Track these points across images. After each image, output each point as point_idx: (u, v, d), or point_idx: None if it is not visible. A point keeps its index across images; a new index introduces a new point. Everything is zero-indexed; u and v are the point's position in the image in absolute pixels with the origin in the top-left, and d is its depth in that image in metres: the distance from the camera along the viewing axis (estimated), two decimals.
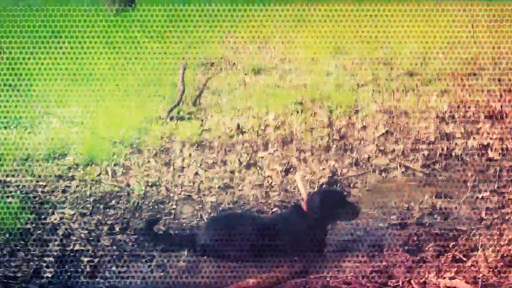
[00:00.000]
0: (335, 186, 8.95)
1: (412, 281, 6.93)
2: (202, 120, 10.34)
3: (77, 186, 8.70)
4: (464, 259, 7.28)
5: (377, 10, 12.70)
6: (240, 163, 9.22)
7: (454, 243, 7.62)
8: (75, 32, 13.03)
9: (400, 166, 9.32)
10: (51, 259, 7.34)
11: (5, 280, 6.96)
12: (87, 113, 10.27)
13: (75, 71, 11.51)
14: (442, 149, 9.70)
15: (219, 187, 8.81)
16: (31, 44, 12.66)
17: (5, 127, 9.75)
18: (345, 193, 8.28)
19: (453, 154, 9.63)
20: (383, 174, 9.23)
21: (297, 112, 10.56)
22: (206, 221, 8.06)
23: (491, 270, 7.07)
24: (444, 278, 6.98)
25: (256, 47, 13.41)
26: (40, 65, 11.61)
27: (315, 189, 8.72)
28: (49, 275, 7.09)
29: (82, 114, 10.24)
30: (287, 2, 13.84)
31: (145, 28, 13.51)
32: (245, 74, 12.15)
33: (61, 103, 10.50)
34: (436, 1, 13.58)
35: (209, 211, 8.36)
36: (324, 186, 8.86)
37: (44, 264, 7.27)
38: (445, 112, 10.65)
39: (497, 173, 9.14)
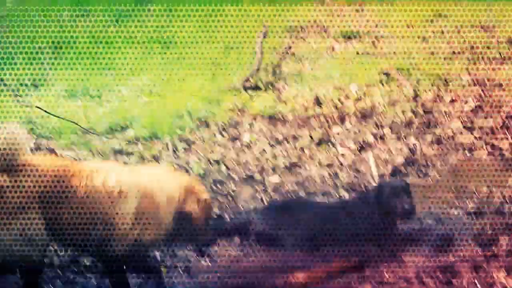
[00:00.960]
0: (412, 166, 8.11)
1: (476, 281, 6.05)
2: (279, 91, 9.56)
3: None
4: None
5: None
6: (312, 139, 8.41)
7: None
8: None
9: (486, 144, 8.35)
10: None
11: None
12: (158, 82, 9.64)
13: (154, 38, 10.93)
14: None
15: (285, 166, 8.05)
16: (112, 12, 12.16)
17: (70, 96, 9.20)
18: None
19: None
20: (467, 154, 8.29)
21: (382, 83, 9.67)
22: (265, 206, 7.39)
23: None
24: None
25: (352, 10, 12.54)
26: (120, 32, 11.11)
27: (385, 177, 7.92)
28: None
29: (152, 84, 9.61)
30: None
31: None
32: (335, 39, 11.30)
33: (134, 71, 9.90)
34: None
35: (271, 193, 7.65)
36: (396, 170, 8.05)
37: None
38: None
39: None
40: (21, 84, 9.45)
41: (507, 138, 8.52)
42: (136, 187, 5.82)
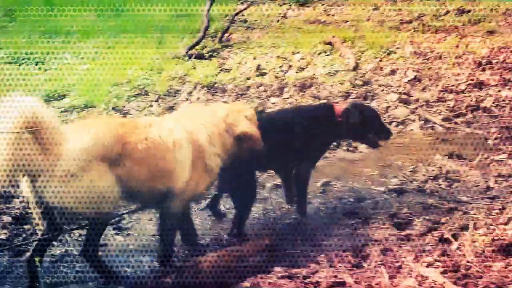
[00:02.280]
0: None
1: (382, 266, 5.83)
2: (223, 59, 9.34)
3: None
4: (452, 239, 6.08)
5: None
6: None
7: (447, 218, 6.46)
8: None
9: (419, 118, 8.13)
10: None
11: None
12: (102, 49, 9.41)
13: (106, 4, 10.71)
14: (471, 100, 8.39)
15: None
16: None
17: (12, 62, 8.99)
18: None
19: (482, 105, 8.35)
20: (400, 127, 8.08)
21: (325, 52, 9.43)
22: None
23: (477, 256, 5.89)
24: (423, 263, 5.86)
25: None
26: None
27: None
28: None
29: (97, 50, 9.37)
30: None
31: None
32: (289, 5, 11.06)
33: (81, 38, 9.68)
34: None
35: None
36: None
37: None
38: (484, 57, 9.33)
39: None
40: None
41: (439, 113, 8.30)
42: (186, 134, 5.66)
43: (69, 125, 5.61)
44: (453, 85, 8.57)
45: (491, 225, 6.19)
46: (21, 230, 6.17)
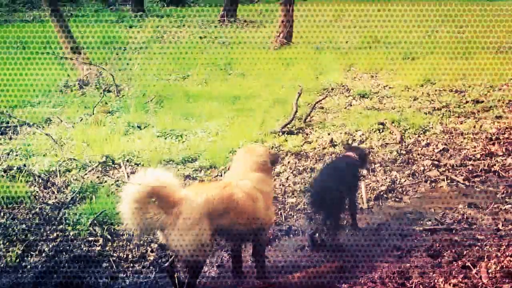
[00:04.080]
0: (392, 193, 7.74)
1: (420, 285, 5.68)
2: (306, 134, 9.30)
3: None
4: (471, 267, 5.94)
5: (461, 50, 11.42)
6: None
7: (468, 251, 6.27)
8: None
9: (447, 178, 7.93)
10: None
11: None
12: (223, 126, 9.49)
13: (222, 93, 10.85)
14: (484, 165, 8.20)
15: (300, 190, 7.77)
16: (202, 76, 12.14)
17: (161, 136, 9.13)
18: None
19: (492, 169, 8.12)
20: (432, 184, 7.89)
21: (379, 130, 9.32)
22: None
23: (490, 279, 5.70)
24: (450, 284, 5.68)
25: (368, 77, 12.24)
26: (204, 91, 11.08)
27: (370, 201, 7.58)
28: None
29: (219, 127, 9.46)
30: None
31: (283, 61, 12.68)
32: (353, 97, 10.99)
33: (208, 119, 9.79)
34: None
35: (288, 210, 7.38)
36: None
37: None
38: (493, 134, 9.08)
39: None
40: (129, 126, 9.53)
41: (462, 174, 8.08)
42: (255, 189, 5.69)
43: (187, 189, 5.52)
44: (471, 155, 8.38)
45: (501, 257, 6.14)
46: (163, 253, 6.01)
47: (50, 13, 11.55)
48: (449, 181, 7.88)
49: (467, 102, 10.41)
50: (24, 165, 7.92)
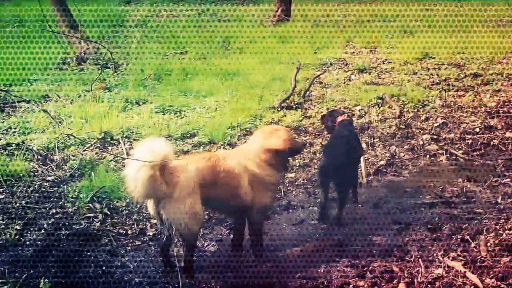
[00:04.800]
0: (391, 167, 7.72)
1: (419, 259, 5.67)
2: (305, 109, 9.24)
3: None
4: (470, 240, 5.94)
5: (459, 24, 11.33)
6: (322, 145, 8.06)
7: (467, 224, 6.26)
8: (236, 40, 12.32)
9: (446, 152, 7.90)
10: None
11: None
12: (221, 103, 9.42)
13: (224, 70, 10.76)
14: (484, 139, 8.17)
15: (299, 165, 7.73)
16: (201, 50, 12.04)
17: (159, 112, 9.06)
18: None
19: (491, 143, 8.09)
20: (432, 158, 7.86)
21: (378, 105, 9.26)
22: None
23: (489, 253, 5.69)
24: (449, 257, 5.67)
25: (367, 51, 12.14)
26: (204, 68, 11.00)
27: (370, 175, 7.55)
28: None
29: (217, 103, 9.40)
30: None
31: (284, 38, 12.59)
32: (352, 72, 10.91)
33: (207, 94, 9.73)
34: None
35: (287, 185, 7.34)
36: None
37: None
38: (493, 108, 9.03)
39: None
40: (127, 102, 9.45)
41: (461, 148, 8.04)
42: (242, 168, 5.62)
43: (179, 161, 5.50)
44: (471, 129, 8.30)
45: (499, 230, 6.17)
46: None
47: None
48: (448, 155, 7.84)
49: (465, 76, 10.34)
50: (23, 142, 7.85)
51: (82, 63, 11.07)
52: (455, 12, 12.46)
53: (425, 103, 9.27)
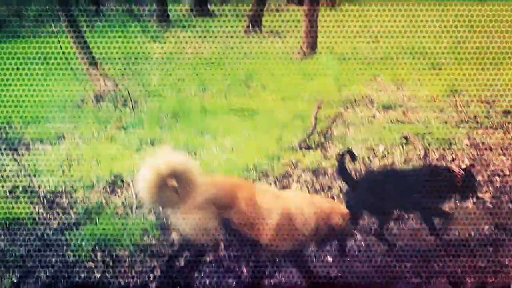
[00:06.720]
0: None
1: None
2: (326, 150, 8.85)
3: None
4: None
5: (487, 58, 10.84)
6: (341, 190, 7.66)
7: (493, 280, 5.77)
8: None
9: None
10: None
11: None
12: (238, 143, 9.09)
13: (240, 108, 10.46)
14: None
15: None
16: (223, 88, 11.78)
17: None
18: None
19: None
20: (457, 203, 7.39)
21: (401, 145, 8.83)
22: None
23: None
24: None
25: (393, 88, 11.73)
26: (222, 107, 10.73)
27: None
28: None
29: (234, 143, 9.06)
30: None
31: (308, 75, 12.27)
32: (377, 110, 10.50)
33: (224, 134, 9.42)
34: None
35: None
36: None
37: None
38: None
39: None
40: (142, 143, 9.18)
41: (489, 192, 7.56)
42: (279, 207, 5.49)
43: (205, 178, 5.53)
44: (500, 170, 7.74)
45: None
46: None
47: (65, 25, 11.29)
48: (475, 200, 7.36)
49: (496, 113, 9.85)
50: (29, 186, 7.62)
51: (100, 101, 10.87)
52: (486, 47, 12.00)
53: (451, 142, 8.80)
